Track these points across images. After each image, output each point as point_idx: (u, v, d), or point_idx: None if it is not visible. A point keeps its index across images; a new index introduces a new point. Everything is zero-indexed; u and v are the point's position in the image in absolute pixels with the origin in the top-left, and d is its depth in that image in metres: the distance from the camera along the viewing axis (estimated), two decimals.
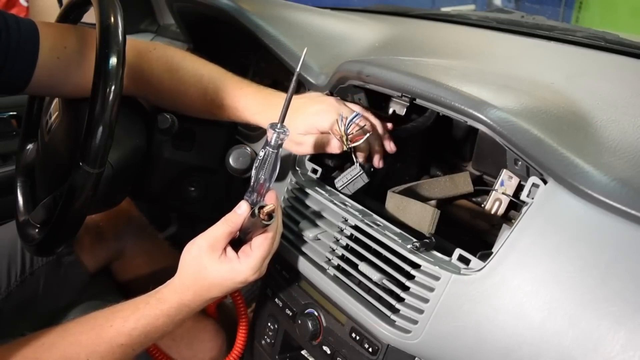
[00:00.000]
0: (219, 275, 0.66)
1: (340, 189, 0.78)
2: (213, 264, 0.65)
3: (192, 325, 0.90)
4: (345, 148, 0.73)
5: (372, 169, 0.89)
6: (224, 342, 0.94)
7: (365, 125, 0.73)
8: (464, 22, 1.19)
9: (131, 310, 0.67)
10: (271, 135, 0.62)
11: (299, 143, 0.76)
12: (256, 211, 0.62)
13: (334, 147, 0.74)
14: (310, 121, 0.74)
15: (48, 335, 0.65)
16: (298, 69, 0.61)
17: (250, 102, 0.81)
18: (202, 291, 0.67)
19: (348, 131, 0.71)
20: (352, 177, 0.76)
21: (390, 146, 0.78)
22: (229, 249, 0.67)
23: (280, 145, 0.63)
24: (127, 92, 0.78)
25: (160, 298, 0.68)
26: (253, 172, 0.64)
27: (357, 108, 0.77)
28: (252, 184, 0.65)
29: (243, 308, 0.88)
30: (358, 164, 0.76)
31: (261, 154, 0.63)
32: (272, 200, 0.65)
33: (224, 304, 1.08)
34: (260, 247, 0.66)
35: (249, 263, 0.65)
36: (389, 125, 0.79)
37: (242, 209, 0.65)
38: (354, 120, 0.71)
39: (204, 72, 0.84)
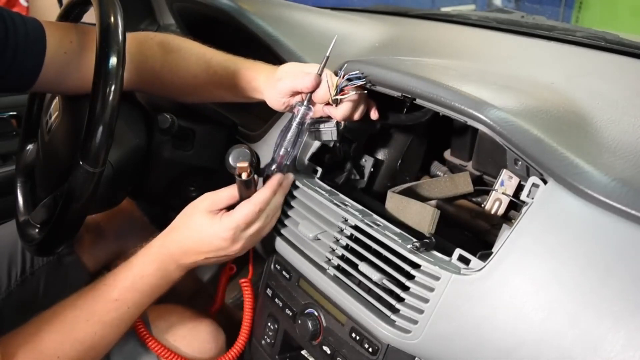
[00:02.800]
0: (199, 227, 0.70)
1: (307, 130, 0.80)
2: (202, 216, 0.70)
3: (191, 326, 0.89)
4: (331, 98, 0.72)
5: (371, 169, 0.90)
6: (224, 343, 0.93)
7: (359, 105, 0.76)
8: (464, 22, 1.19)
9: (120, 268, 0.72)
10: (297, 111, 0.72)
11: (279, 79, 0.77)
12: (235, 166, 0.67)
13: (320, 91, 0.73)
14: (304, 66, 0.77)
15: (50, 308, 0.68)
16: (328, 53, 0.67)
17: (255, 64, 0.84)
18: (183, 243, 0.72)
19: (342, 85, 0.71)
20: (324, 127, 0.79)
21: (374, 114, 0.80)
22: (224, 212, 0.71)
23: (303, 123, 0.72)
24: (129, 86, 0.78)
25: (146, 252, 0.73)
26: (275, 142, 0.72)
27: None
28: (272, 156, 0.71)
29: (250, 298, 0.88)
30: (335, 121, 0.79)
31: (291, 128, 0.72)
32: (275, 180, 0.71)
33: (224, 305, 1.08)
34: (240, 209, 0.70)
35: (226, 223, 0.69)
36: None
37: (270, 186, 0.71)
38: (355, 80, 0.71)
39: (206, 50, 0.86)
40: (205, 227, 0.70)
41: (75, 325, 0.67)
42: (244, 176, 0.67)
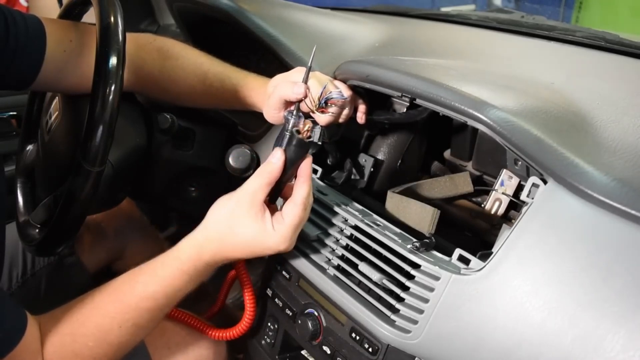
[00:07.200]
0: (249, 234, 0.64)
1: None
2: (248, 220, 0.63)
3: (188, 333, 0.88)
4: (313, 109, 0.70)
5: (371, 169, 0.90)
6: (223, 350, 0.92)
7: (343, 110, 0.76)
8: (464, 22, 1.19)
9: (149, 274, 0.67)
10: (288, 122, 0.65)
11: (270, 95, 0.77)
12: (294, 131, 0.60)
13: (305, 102, 0.70)
14: (291, 75, 0.77)
15: (80, 309, 0.64)
16: (310, 63, 0.63)
17: (249, 79, 0.84)
18: (226, 248, 0.65)
19: (324, 101, 0.69)
20: (310, 128, 0.77)
21: (361, 118, 0.80)
22: (267, 210, 0.65)
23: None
24: (128, 87, 0.78)
25: (177, 256, 0.66)
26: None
27: (346, 92, 0.76)
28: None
29: (247, 280, 0.82)
30: (319, 127, 0.76)
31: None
32: (307, 171, 0.65)
33: (224, 306, 1.08)
34: (290, 214, 0.64)
35: (281, 230, 0.64)
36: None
37: (276, 157, 0.63)
38: (337, 97, 0.69)
39: (204, 60, 0.87)
40: (257, 236, 0.64)
41: (110, 332, 0.65)
42: (305, 135, 0.59)
